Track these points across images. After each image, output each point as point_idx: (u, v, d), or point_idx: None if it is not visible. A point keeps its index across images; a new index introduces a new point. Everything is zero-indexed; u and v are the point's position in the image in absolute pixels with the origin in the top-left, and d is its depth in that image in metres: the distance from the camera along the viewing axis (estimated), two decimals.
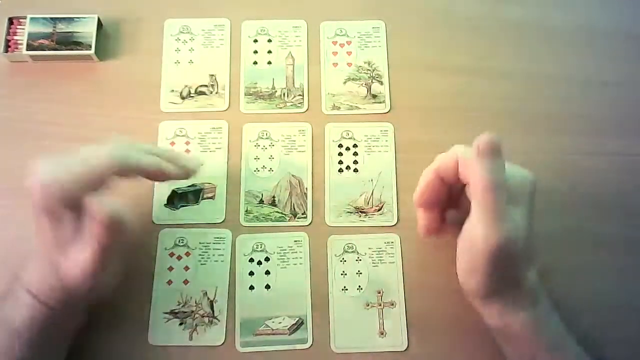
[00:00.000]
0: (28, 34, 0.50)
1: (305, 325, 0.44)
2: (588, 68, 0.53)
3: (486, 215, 0.36)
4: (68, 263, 0.36)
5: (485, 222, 0.36)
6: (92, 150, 0.38)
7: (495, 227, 0.35)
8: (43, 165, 0.36)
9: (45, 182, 0.35)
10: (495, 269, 0.37)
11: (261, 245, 0.46)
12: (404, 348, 0.44)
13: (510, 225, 0.36)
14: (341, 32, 0.54)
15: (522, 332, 0.39)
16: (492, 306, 0.39)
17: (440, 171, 0.40)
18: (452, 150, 0.40)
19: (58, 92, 0.51)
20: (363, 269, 0.46)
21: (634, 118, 0.52)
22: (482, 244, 0.36)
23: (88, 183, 0.37)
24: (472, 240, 0.37)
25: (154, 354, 0.43)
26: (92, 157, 0.37)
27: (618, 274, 0.46)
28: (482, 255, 0.36)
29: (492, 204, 0.36)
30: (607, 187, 0.49)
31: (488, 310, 0.40)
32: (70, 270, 0.36)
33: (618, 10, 0.56)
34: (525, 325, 0.39)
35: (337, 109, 0.51)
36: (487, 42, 0.54)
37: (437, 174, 0.40)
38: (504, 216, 0.36)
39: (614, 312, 0.45)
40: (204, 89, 0.51)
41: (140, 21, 0.54)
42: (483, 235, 0.36)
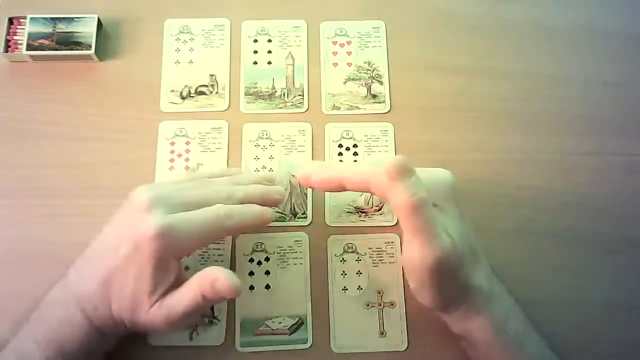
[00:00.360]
0: (28, 34, 0.50)
1: (305, 325, 0.44)
2: (588, 68, 0.53)
3: (416, 237, 0.36)
4: (158, 310, 0.36)
5: (417, 243, 0.36)
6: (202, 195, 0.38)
7: (428, 246, 0.36)
8: (158, 207, 0.36)
9: (166, 234, 0.35)
10: (440, 283, 0.37)
11: (261, 245, 0.46)
12: (404, 348, 0.44)
13: (443, 239, 0.36)
14: (341, 32, 0.54)
15: (482, 336, 0.39)
16: (451, 316, 0.40)
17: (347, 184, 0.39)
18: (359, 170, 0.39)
19: (58, 92, 0.51)
20: (363, 269, 0.46)
21: (634, 118, 0.52)
22: (420, 264, 0.36)
23: (204, 243, 0.39)
24: (411, 262, 0.37)
25: (154, 354, 0.43)
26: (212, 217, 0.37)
27: (617, 274, 0.46)
28: (424, 274, 0.36)
29: (419, 224, 0.36)
30: (607, 187, 0.49)
31: (449, 320, 0.41)
32: (157, 315, 0.36)
33: (618, 10, 0.56)
34: (482, 329, 0.39)
35: (337, 109, 0.51)
36: (487, 42, 0.54)
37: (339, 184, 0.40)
38: (434, 233, 0.36)
39: (613, 312, 0.45)
40: (204, 89, 0.51)
41: (140, 21, 0.54)
42: (420, 257, 0.36)
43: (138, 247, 0.35)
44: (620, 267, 0.47)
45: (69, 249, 0.39)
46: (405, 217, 0.36)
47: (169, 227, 0.35)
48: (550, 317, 0.44)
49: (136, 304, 0.36)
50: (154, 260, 0.35)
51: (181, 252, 0.37)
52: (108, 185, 0.47)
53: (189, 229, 0.36)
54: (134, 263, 0.35)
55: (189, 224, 0.36)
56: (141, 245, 0.35)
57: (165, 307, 0.36)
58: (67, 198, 0.47)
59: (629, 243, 0.47)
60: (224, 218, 0.37)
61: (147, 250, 0.35)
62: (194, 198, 0.38)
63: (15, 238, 0.46)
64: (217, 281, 0.35)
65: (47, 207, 0.47)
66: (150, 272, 0.35)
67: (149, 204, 0.36)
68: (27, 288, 0.38)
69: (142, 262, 0.35)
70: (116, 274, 0.36)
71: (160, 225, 0.35)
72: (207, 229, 0.37)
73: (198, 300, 0.36)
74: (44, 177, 0.48)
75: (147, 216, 0.35)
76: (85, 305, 0.36)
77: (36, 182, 0.47)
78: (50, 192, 0.47)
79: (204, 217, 0.37)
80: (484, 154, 0.50)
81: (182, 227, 0.36)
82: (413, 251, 0.36)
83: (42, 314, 0.37)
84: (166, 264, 0.36)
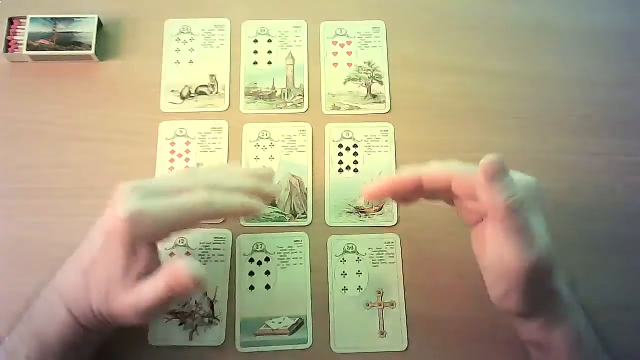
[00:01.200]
0: (28, 34, 0.50)
1: (305, 325, 0.44)
2: (588, 68, 0.53)
3: (512, 239, 0.35)
4: (128, 295, 0.36)
5: (513, 246, 0.35)
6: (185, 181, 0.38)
7: (525, 249, 0.35)
8: (134, 195, 0.35)
9: (137, 217, 0.35)
10: (533, 287, 0.36)
11: (261, 245, 0.46)
12: (404, 348, 0.44)
13: (540, 242, 0.36)
14: (341, 32, 0.54)
15: (565, 344, 0.38)
16: (532, 323, 0.39)
17: (426, 181, 0.39)
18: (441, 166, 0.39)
19: (58, 92, 0.51)
20: (363, 269, 0.46)
21: (634, 118, 0.52)
22: (516, 267, 0.35)
23: (179, 227, 0.37)
24: (503, 265, 0.36)
25: (154, 354, 0.43)
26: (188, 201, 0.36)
27: (618, 274, 0.46)
28: (519, 277, 0.36)
29: (516, 226, 0.35)
30: (607, 187, 0.49)
31: (527, 327, 0.40)
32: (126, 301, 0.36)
33: (618, 10, 0.56)
34: (565, 338, 0.38)
35: (337, 109, 0.51)
36: (487, 42, 0.54)
37: (420, 181, 0.39)
38: (532, 234, 0.36)
39: (614, 312, 0.45)
40: (204, 89, 0.51)
41: (140, 21, 0.54)
42: (516, 259, 0.35)
43: (110, 232, 0.35)
44: (620, 267, 0.47)
45: (69, 249, 0.39)
46: (502, 219, 0.35)
47: (138, 210, 0.35)
48: None
49: (109, 292, 0.36)
50: (124, 244, 0.35)
51: (152, 236, 0.36)
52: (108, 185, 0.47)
53: (161, 212, 0.36)
54: (107, 249, 0.36)
55: (161, 208, 0.36)
56: (113, 230, 0.35)
57: (134, 297, 0.35)
58: (67, 198, 0.47)
59: (629, 243, 0.47)
60: (202, 204, 0.37)
61: (117, 234, 0.35)
62: (176, 185, 0.37)
63: (14, 238, 0.46)
64: (181, 273, 0.34)
65: (47, 207, 0.47)
66: (121, 256, 0.35)
67: (126, 192, 0.36)
68: (26, 288, 0.38)
69: (113, 247, 0.35)
70: (93, 264, 0.36)
71: (130, 208, 0.35)
72: (180, 212, 0.36)
73: (165, 292, 0.35)
74: (44, 177, 0.48)
75: (122, 202, 0.35)
76: (67, 300, 0.37)
77: (36, 182, 0.47)
78: (50, 192, 0.47)
79: (181, 202, 0.36)
80: (484, 154, 0.49)
81: (153, 210, 0.35)
82: (507, 253, 0.35)
83: (31, 312, 0.38)
84: (137, 249, 0.36)
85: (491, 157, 0.35)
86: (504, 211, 0.35)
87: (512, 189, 0.35)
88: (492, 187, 0.35)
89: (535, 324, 0.39)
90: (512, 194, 0.35)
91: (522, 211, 0.35)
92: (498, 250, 0.36)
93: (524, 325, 0.40)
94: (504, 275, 0.36)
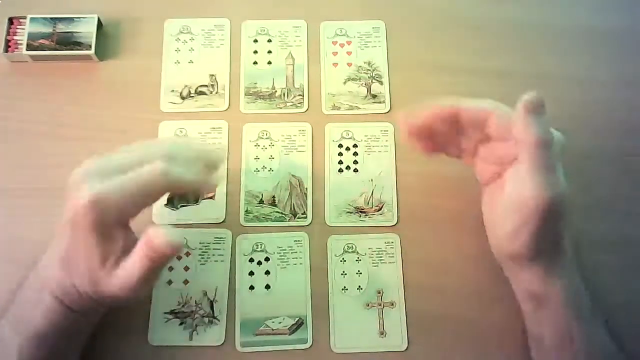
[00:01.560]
0: (28, 34, 0.50)
1: (305, 325, 0.44)
2: (588, 68, 0.53)
3: (538, 173, 0.36)
4: (112, 279, 0.35)
5: (537, 179, 0.36)
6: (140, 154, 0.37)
7: (549, 185, 0.36)
8: (91, 178, 0.35)
9: (99, 200, 0.34)
10: (545, 227, 0.37)
11: (261, 245, 0.46)
12: (404, 348, 0.44)
13: (561, 180, 0.37)
14: (341, 32, 0.54)
15: (560, 299, 0.39)
16: (533, 270, 0.39)
17: (465, 114, 0.39)
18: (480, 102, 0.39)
19: (58, 92, 0.51)
20: (363, 269, 0.46)
21: (633, 118, 0.52)
22: (536, 202, 0.36)
23: (142, 201, 0.37)
24: (521, 198, 0.37)
25: (154, 354, 0.43)
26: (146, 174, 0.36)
27: (617, 274, 0.46)
28: (536, 213, 0.36)
29: (544, 160, 0.36)
30: (607, 187, 0.49)
31: (528, 275, 0.40)
32: (112, 285, 0.35)
33: (618, 10, 0.56)
34: (563, 292, 0.39)
35: (337, 109, 0.51)
36: (487, 42, 0.54)
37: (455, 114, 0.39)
38: (556, 173, 0.37)
39: (614, 312, 0.45)
40: (204, 89, 0.51)
41: (140, 21, 0.54)
42: (537, 193, 0.36)
43: (77, 220, 0.34)
44: (620, 267, 0.47)
45: None
46: (532, 152, 0.36)
47: (98, 194, 0.34)
48: None
49: (93, 277, 0.36)
50: (93, 231, 0.34)
51: (121, 216, 0.36)
52: None
53: (122, 190, 0.35)
54: (78, 237, 0.35)
55: (122, 186, 0.35)
56: (79, 218, 0.34)
57: (120, 277, 0.35)
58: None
59: (629, 243, 0.47)
60: (160, 176, 0.36)
61: (84, 222, 0.34)
62: (129, 161, 0.37)
63: (14, 238, 0.46)
64: (156, 242, 0.34)
65: (46, 207, 0.47)
66: (95, 243, 0.35)
67: (82, 177, 0.35)
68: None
69: (84, 235, 0.35)
70: (69, 252, 0.36)
71: (90, 193, 0.34)
72: (142, 188, 0.36)
73: (146, 264, 0.35)
74: (44, 177, 0.48)
75: (81, 188, 0.34)
76: (52, 287, 0.37)
77: (36, 182, 0.47)
78: (50, 192, 0.47)
79: (137, 176, 0.36)
80: None
81: (115, 190, 0.35)
82: (529, 189, 0.36)
83: (17, 302, 0.38)
84: (109, 232, 0.35)
85: (533, 93, 0.36)
86: (536, 144, 0.36)
87: (547, 127, 0.36)
88: (529, 120, 0.36)
89: (535, 270, 0.39)
90: (546, 131, 0.36)
91: (549, 150, 0.36)
92: (519, 185, 0.37)
93: (522, 272, 0.40)
94: (520, 210, 0.37)
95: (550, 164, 0.36)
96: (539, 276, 0.39)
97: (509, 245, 0.39)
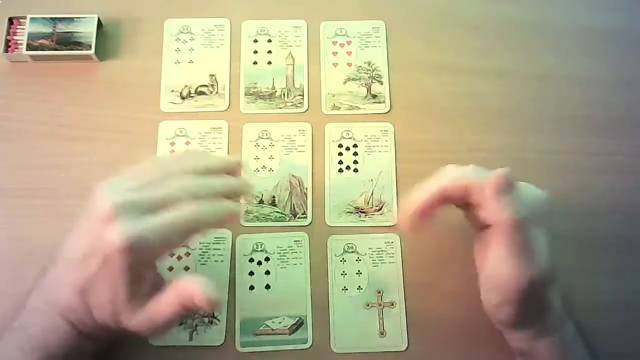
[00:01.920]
0: (28, 34, 0.50)
1: (305, 325, 0.44)
2: (588, 68, 0.53)
3: (514, 254, 0.36)
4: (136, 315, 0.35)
5: (514, 261, 0.36)
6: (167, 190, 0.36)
7: (526, 266, 0.36)
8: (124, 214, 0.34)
9: (136, 244, 0.33)
10: (527, 303, 0.37)
11: (261, 245, 0.46)
12: (404, 348, 0.44)
13: (540, 260, 0.36)
14: (341, 32, 0.54)
15: (549, 356, 0.39)
16: (520, 333, 0.40)
17: (448, 192, 0.38)
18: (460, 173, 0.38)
19: (58, 92, 0.51)
20: (363, 269, 0.46)
21: (634, 118, 0.52)
22: (514, 282, 0.36)
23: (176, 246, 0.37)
24: (500, 278, 0.37)
25: (154, 354, 0.43)
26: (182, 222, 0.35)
27: (617, 274, 0.46)
28: (515, 292, 0.36)
29: (518, 242, 0.36)
30: (606, 187, 0.49)
31: (517, 335, 0.40)
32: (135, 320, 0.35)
33: (618, 10, 0.56)
34: (552, 349, 0.39)
35: (337, 109, 0.51)
36: (487, 42, 0.54)
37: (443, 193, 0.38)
38: (532, 251, 0.36)
39: (613, 312, 0.45)
40: (204, 89, 0.51)
41: (140, 21, 0.54)
42: (515, 275, 0.36)
43: (108, 260, 0.34)
44: (620, 267, 0.47)
45: None
46: (505, 234, 0.36)
47: (137, 238, 0.33)
48: None
49: (117, 313, 0.35)
50: (127, 273, 0.34)
51: (153, 258, 0.36)
52: None
53: (158, 235, 0.34)
54: (106, 275, 0.34)
55: (157, 231, 0.34)
56: (112, 258, 0.33)
57: (146, 315, 0.35)
58: (67, 198, 0.47)
59: (629, 243, 0.47)
60: (193, 221, 0.36)
61: (118, 264, 0.34)
62: (159, 198, 0.36)
63: (14, 238, 0.46)
64: (195, 298, 0.34)
65: (46, 207, 0.47)
66: (125, 284, 0.34)
67: (112, 213, 0.34)
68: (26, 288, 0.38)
69: (114, 275, 0.34)
70: (90, 286, 0.35)
71: (128, 237, 0.33)
72: (177, 233, 0.36)
73: (177, 309, 0.35)
74: (44, 177, 0.48)
75: (112, 227, 0.33)
76: (68, 315, 0.36)
77: (36, 182, 0.47)
78: (50, 192, 0.47)
79: (172, 221, 0.35)
80: (484, 154, 0.50)
81: (151, 235, 0.34)
82: (505, 268, 0.36)
83: (25, 323, 0.37)
84: (140, 273, 0.35)
85: (501, 172, 0.36)
86: (507, 227, 0.36)
87: (518, 205, 0.36)
88: (498, 201, 0.36)
89: (524, 334, 0.39)
90: (517, 210, 0.35)
91: (525, 228, 0.36)
92: (498, 263, 0.37)
93: (512, 334, 0.41)
94: (501, 288, 0.37)
95: (525, 243, 0.36)
96: (527, 337, 0.39)
97: (495, 315, 0.39)
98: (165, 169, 0.38)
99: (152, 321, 0.35)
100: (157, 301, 0.35)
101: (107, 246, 0.33)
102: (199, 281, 0.35)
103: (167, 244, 0.36)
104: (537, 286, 0.36)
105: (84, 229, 0.36)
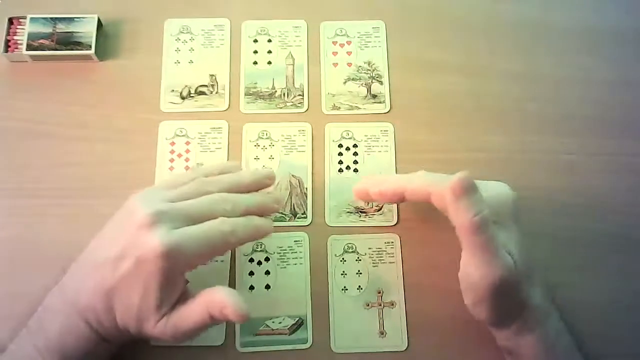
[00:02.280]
0: (28, 34, 0.50)
1: (305, 325, 0.44)
2: (588, 68, 0.53)
3: (477, 255, 0.36)
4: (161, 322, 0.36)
5: (477, 262, 0.36)
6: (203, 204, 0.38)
7: (488, 266, 0.36)
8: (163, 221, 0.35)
9: (173, 250, 0.34)
10: (499, 301, 0.37)
11: (261, 245, 0.46)
12: (404, 348, 0.44)
13: (503, 259, 0.36)
14: (341, 32, 0.54)
15: (533, 352, 0.39)
16: (503, 331, 0.40)
17: (409, 195, 0.40)
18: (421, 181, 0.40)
19: (58, 92, 0.51)
20: (363, 269, 0.46)
21: (634, 118, 0.52)
22: (479, 283, 0.36)
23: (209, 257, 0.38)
24: (470, 279, 0.37)
25: (154, 354, 0.43)
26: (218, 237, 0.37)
27: (616, 274, 0.46)
28: (483, 292, 0.37)
29: (480, 244, 0.36)
30: (606, 187, 0.49)
31: (499, 334, 0.41)
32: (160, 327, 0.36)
33: (618, 10, 0.56)
34: (535, 345, 0.39)
35: (337, 109, 0.51)
36: (487, 42, 0.54)
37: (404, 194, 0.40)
38: (494, 253, 0.36)
39: (612, 312, 0.45)
40: (204, 89, 0.51)
41: (140, 21, 0.54)
42: (479, 276, 0.36)
43: (142, 264, 0.34)
44: (619, 267, 0.47)
45: (69, 249, 0.39)
46: (466, 236, 0.36)
47: (175, 245, 0.34)
48: None
49: (142, 318, 0.36)
50: (161, 278, 0.34)
51: (187, 268, 0.37)
52: (108, 185, 0.47)
53: (195, 245, 0.35)
54: (137, 280, 0.35)
55: (194, 241, 0.35)
56: (146, 262, 0.34)
57: (172, 324, 0.36)
58: (67, 198, 0.47)
59: (629, 243, 0.47)
60: (229, 235, 0.37)
61: (153, 269, 0.34)
62: (196, 210, 0.37)
63: (14, 238, 0.46)
64: (225, 308, 0.35)
65: (46, 207, 0.47)
66: (157, 289, 0.35)
67: (151, 220, 0.35)
68: (26, 288, 0.38)
69: (147, 280, 0.35)
70: (118, 289, 0.35)
71: (167, 243, 0.34)
72: (212, 245, 0.37)
73: (206, 321, 0.36)
74: (44, 177, 0.48)
75: (150, 233, 0.34)
76: (88, 316, 0.36)
77: (36, 182, 0.47)
78: (50, 192, 0.47)
79: (208, 233, 0.36)
80: (484, 153, 0.50)
81: (188, 244, 0.35)
82: (472, 269, 0.37)
83: (42, 322, 0.37)
84: (173, 281, 0.36)
85: (459, 175, 0.36)
86: (466, 229, 0.36)
87: (479, 207, 0.36)
88: (458, 204, 0.36)
89: (507, 331, 0.40)
90: (478, 211, 0.36)
91: (486, 229, 0.36)
92: (465, 264, 0.37)
93: (496, 333, 0.41)
94: (472, 288, 0.38)
95: (488, 243, 0.36)
96: (509, 335, 0.40)
97: (474, 313, 0.39)
98: (199, 185, 0.39)
99: (177, 328, 0.36)
100: (184, 309, 0.36)
101: (145, 250, 0.34)
102: (229, 292, 0.36)
103: (201, 255, 0.37)
104: (505, 286, 0.36)
105: (117, 232, 0.37)
